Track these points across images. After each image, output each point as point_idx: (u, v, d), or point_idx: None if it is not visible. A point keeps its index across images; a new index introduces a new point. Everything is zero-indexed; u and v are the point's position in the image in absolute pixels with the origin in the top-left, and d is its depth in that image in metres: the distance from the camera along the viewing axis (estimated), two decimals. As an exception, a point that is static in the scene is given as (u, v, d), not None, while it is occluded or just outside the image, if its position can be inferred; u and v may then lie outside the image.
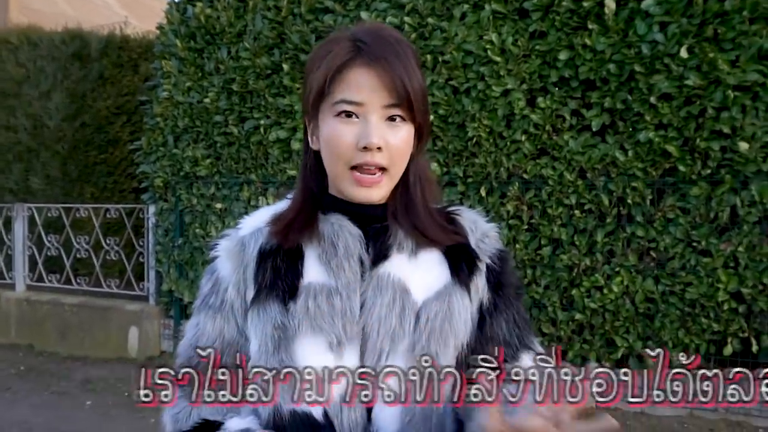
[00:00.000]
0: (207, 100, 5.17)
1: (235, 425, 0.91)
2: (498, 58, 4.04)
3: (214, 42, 5.21)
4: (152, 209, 5.69)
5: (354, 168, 0.88)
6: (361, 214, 0.94)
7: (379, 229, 0.94)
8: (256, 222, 0.99)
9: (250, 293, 0.94)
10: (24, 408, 4.50)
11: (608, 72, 3.79)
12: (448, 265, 0.96)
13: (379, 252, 0.93)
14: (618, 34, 3.77)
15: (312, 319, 0.89)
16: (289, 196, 1.00)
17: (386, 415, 0.88)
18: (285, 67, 4.79)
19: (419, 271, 0.94)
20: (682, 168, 3.66)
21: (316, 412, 0.88)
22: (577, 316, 3.92)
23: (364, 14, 4.51)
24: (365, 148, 0.86)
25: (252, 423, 0.92)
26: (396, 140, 0.88)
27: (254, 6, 4.96)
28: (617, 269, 3.82)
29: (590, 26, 3.82)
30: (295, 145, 4.78)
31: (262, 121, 4.95)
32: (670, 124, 3.68)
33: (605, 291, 3.82)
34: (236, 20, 5.06)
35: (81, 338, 5.82)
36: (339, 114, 0.88)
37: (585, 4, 3.80)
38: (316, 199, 0.97)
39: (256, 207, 4.90)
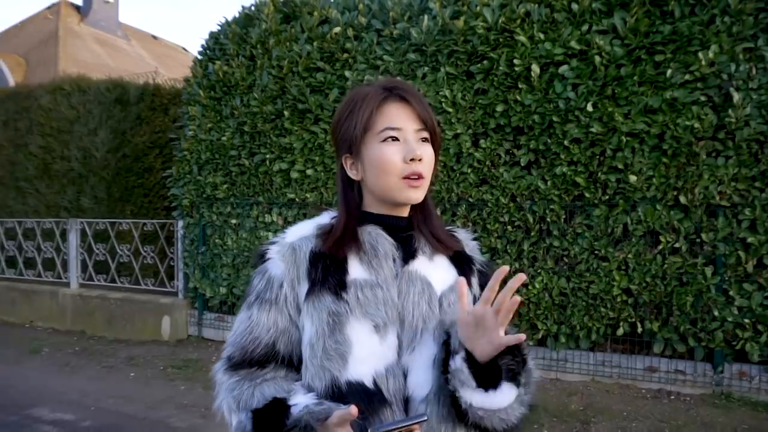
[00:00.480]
0: (224, 138, 5.23)
1: (307, 398, 0.88)
2: (450, 109, 4.21)
3: (230, 92, 5.25)
4: (181, 224, 5.69)
5: (404, 178, 0.91)
6: (391, 225, 0.96)
7: (405, 237, 0.97)
8: (302, 231, 0.99)
9: (304, 288, 0.93)
10: (81, 379, 4.53)
11: (533, 121, 3.96)
12: (454, 267, 0.99)
13: (407, 254, 0.95)
14: (541, 92, 3.94)
15: (362, 307, 0.89)
16: (329, 212, 1.02)
17: (419, 379, 0.89)
18: (286, 113, 4.87)
19: (436, 270, 0.96)
20: (587, 194, 3.85)
21: (367, 380, 0.87)
22: (510, 306, 4.11)
23: (347, 73, 4.63)
24: (412, 160, 0.90)
25: (311, 398, 0.89)
26: (427, 155, 0.93)
27: (261, 65, 5.05)
28: (539, 271, 4.00)
29: (520, 86, 3.99)
30: (294, 175, 4.87)
31: (267, 156, 5.02)
32: (579, 161, 3.86)
33: (530, 287, 3.99)
34: (247, 76, 5.12)
35: (124, 325, 5.81)
36: (385, 140, 0.91)
37: (516, 69, 3.97)
38: (356, 217, 0.97)
39: (264, 222, 5.09)
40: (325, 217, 1.00)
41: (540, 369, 3.99)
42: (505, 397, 0.85)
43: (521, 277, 0.79)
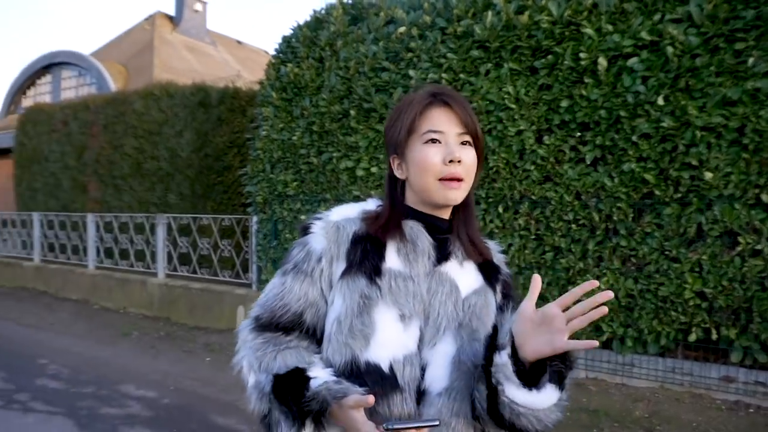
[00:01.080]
0: (294, 138, 5.47)
1: (327, 374, 0.91)
2: (513, 106, 4.18)
3: (300, 94, 5.48)
4: (255, 219, 5.97)
5: (441, 180, 0.94)
6: (430, 224, 1.00)
7: (443, 239, 1.00)
8: (347, 213, 1.02)
9: (341, 267, 0.96)
10: (163, 361, 4.92)
11: (600, 116, 3.84)
12: (481, 274, 1.03)
13: (442, 255, 0.99)
14: (608, 86, 3.82)
15: (392, 295, 0.93)
16: (374, 200, 1.05)
17: (437, 374, 0.92)
18: (352, 113, 5.03)
19: (464, 275, 1.00)
20: (657, 192, 3.69)
21: (384, 365, 0.90)
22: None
23: (411, 72, 4.71)
24: (450, 162, 0.93)
25: (330, 374, 0.92)
26: (468, 158, 0.96)
27: (330, 66, 5.25)
28: (604, 271, 3.88)
29: (586, 80, 3.88)
30: (359, 173, 5.04)
31: (334, 154, 5.20)
32: (649, 157, 3.71)
33: (594, 288, 3.92)
34: (316, 77, 5.34)
35: (203, 313, 6.17)
36: (427, 141, 0.95)
37: (582, 62, 3.88)
38: (399, 209, 1.00)
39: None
40: (371, 204, 1.04)
41: (604, 373, 3.93)
42: (547, 398, 0.87)
43: (608, 294, 0.84)
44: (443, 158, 0.93)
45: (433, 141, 0.95)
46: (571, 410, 3.53)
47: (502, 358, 0.87)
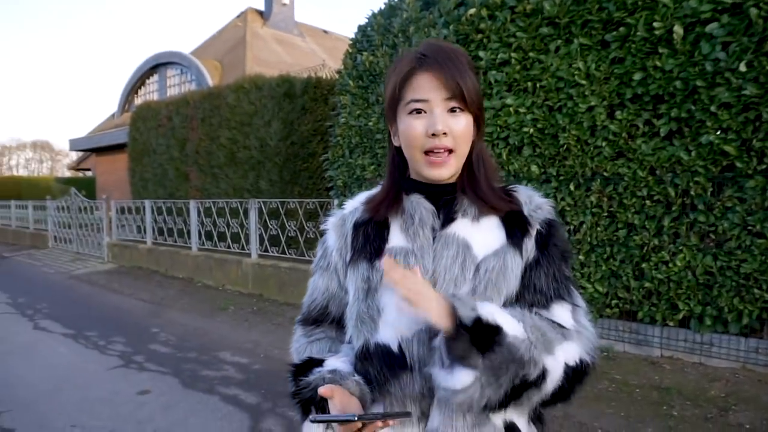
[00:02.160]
0: (371, 124, 5.73)
1: (331, 364, 0.94)
2: (584, 81, 4.13)
3: (375, 81, 5.71)
4: (336, 202, 6.22)
5: (427, 153, 0.90)
6: (434, 192, 0.96)
7: (448, 199, 0.96)
8: (355, 203, 1.04)
9: (349, 256, 0.98)
10: (255, 332, 5.41)
11: (675, 87, 3.72)
12: (504, 229, 0.94)
13: (447, 216, 0.94)
14: (684, 55, 3.70)
15: None
16: (381, 183, 1.05)
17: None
18: (424, 96, 5.24)
19: (480, 233, 0.93)
20: (739, 164, 3.53)
21: (393, 345, 0.90)
22: (647, 284, 3.93)
23: (481, 53, 4.77)
24: (434, 135, 0.88)
25: (343, 364, 0.94)
26: (458, 126, 0.89)
27: (402, 53, 5.46)
28: (681, 248, 3.78)
29: (660, 50, 3.77)
30: (432, 154, 5.24)
31: (408, 137, 5.44)
32: (729, 128, 3.56)
33: (670, 265, 3.81)
34: (390, 63, 5.58)
35: (291, 290, 6.63)
36: (411, 112, 0.90)
37: (656, 32, 3.78)
38: (399, 183, 0.98)
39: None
40: (377, 188, 1.04)
41: (680, 351, 3.87)
42: (460, 378, 0.81)
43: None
44: (426, 130, 0.89)
45: (418, 111, 0.90)
46: (641, 387, 3.54)
47: (436, 341, 0.86)
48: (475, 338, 0.81)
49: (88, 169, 25.97)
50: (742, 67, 3.48)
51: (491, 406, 0.84)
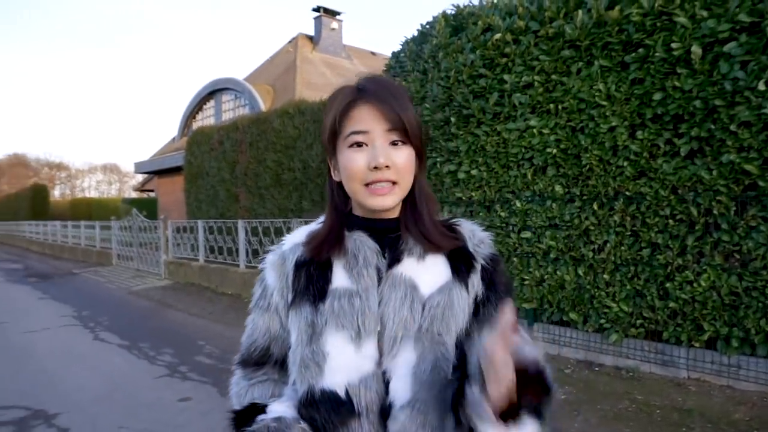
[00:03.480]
0: (402, 146, 6.00)
1: (275, 410, 0.89)
2: (605, 102, 4.21)
3: (407, 105, 6.00)
4: None
5: (367, 185, 0.87)
6: (378, 228, 0.93)
7: (393, 238, 0.93)
8: (295, 239, 0.98)
9: (291, 297, 0.93)
10: None
11: (694, 107, 3.74)
12: (449, 266, 0.93)
13: (393, 257, 0.91)
14: (704, 75, 3.72)
15: (336, 317, 0.87)
16: (321, 219, 0.99)
17: (400, 386, 0.86)
18: (452, 119, 5.34)
19: (426, 272, 0.91)
20: (762, 183, 3.51)
21: (340, 391, 0.86)
22: (671, 304, 3.91)
23: (506, 76, 4.90)
24: (375, 168, 0.85)
25: (288, 409, 0.89)
26: (400, 159, 0.87)
27: (432, 77, 5.63)
28: (704, 267, 3.76)
29: (679, 71, 3.80)
30: (460, 175, 5.35)
31: (438, 159, 5.56)
32: (751, 147, 3.55)
33: (695, 285, 3.79)
34: (420, 88, 5.76)
35: None
36: (351, 145, 0.87)
37: (675, 53, 3.82)
38: (343, 219, 0.95)
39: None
40: (317, 223, 0.99)
41: (707, 374, 3.82)
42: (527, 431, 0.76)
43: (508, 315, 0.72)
44: (367, 163, 0.86)
45: (359, 144, 0.87)
46: (662, 408, 3.54)
47: (474, 395, 0.75)
48: (538, 384, 0.76)
49: (152, 191, 27.51)
50: (761, 86, 3.48)
51: None
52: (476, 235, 0.98)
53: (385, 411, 0.86)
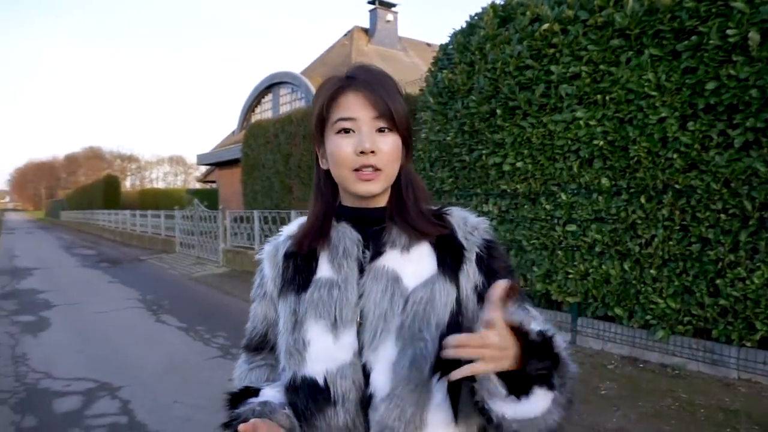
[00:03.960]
0: (449, 138, 5.96)
1: (265, 395, 0.93)
2: (654, 93, 4.10)
3: (453, 97, 5.94)
4: None
5: (356, 171, 0.88)
6: (363, 218, 0.94)
7: (377, 230, 0.93)
8: (290, 230, 1.02)
9: (279, 286, 0.97)
10: None
11: (750, 96, 3.59)
12: (436, 257, 0.92)
13: (376, 249, 0.92)
14: (762, 62, 3.57)
15: (315, 307, 0.90)
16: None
17: (380, 378, 0.86)
18: (498, 111, 5.32)
19: (411, 263, 0.90)
20: (822, 176, 3.36)
21: (320, 378, 0.88)
22: (722, 301, 3.78)
23: (553, 68, 4.85)
24: (362, 153, 0.86)
25: (278, 394, 0.93)
26: (386, 146, 0.88)
27: (479, 69, 5.62)
28: (758, 264, 3.61)
29: (735, 58, 3.66)
30: (506, 167, 5.33)
31: (483, 151, 5.55)
32: (811, 138, 3.40)
33: (747, 282, 3.64)
34: (467, 80, 5.74)
35: None
36: (339, 132, 0.88)
37: (730, 39, 3.67)
38: (330, 209, 0.96)
39: (482, 211, 5.70)
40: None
41: (759, 374, 3.68)
42: (540, 403, 0.77)
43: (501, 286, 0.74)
44: (354, 148, 0.87)
45: (346, 131, 0.88)
46: (707, 407, 3.45)
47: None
48: (544, 352, 0.77)
49: (213, 182, 28.66)
50: (825, 73, 3.30)
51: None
52: (468, 222, 0.96)
53: (365, 401, 0.87)
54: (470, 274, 0.91)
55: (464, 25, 6.18)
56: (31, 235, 27.15)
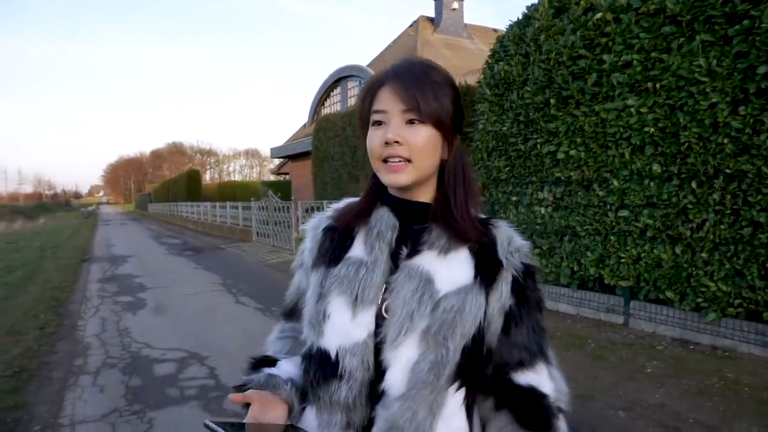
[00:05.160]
0: (504, 128, 6.18)
1: (278, 367, 0.97)
2: (705, 79, 4.16)
3: (509, 88, 6.14)
4: None
5: (385, 161, 0.90)
6: (404, 208, 0.95)
7: (417, 230, 0.93)
8: (337, 207, 1.05)
9: (314, 258, 1.00)
10: None
11: (803, 80, 3.64)
12: (474, 266, 0.91)
13: (413, 248, 0.92)
14: (815, 46, 3.60)
15: (340, 283, 0.91)
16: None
17: (397, 377, 0.86)
18: (552, 101, 5.49)
19: (446, 267, 0.90)
20: None
21: (332, 352, 0.89)
22: (772, 285, 3.85)
23: (605, 57, 4.96)
24: (386, 144, 0.88)
25: (290, 367, 0.97)
26: (416, 138, 0.88)
27: (534, 60, 5.80)
28: (809, 247, 3.66)
29: (788, 42, 3.72)
30: (560, 156, 5.49)
31: (538, 140, 5.74)
32: None
33: (798, 266, 3.71)
34: (522, 71, 5.92)
35: None
36: (374, 124, 0.92)
37: (784, 23, 3.72)
38: (377, 195, 0.99)
39: (537, 198, 5.90)
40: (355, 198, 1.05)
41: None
42: None
43: None
44: (381, 140, 0.90)
45: (378, 123, 0.91)
46: (752, 387, 3.57)
47: None
48: None
49: (287, 173, 29.91)
50: None
51: None
52: (513, 243, 0.94)
53: (375, 394, 0.87)
54: (502, 294, 0.91)
55: (520, 17, 6.34)
56: (124, 226, 29.57)
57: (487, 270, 0.90)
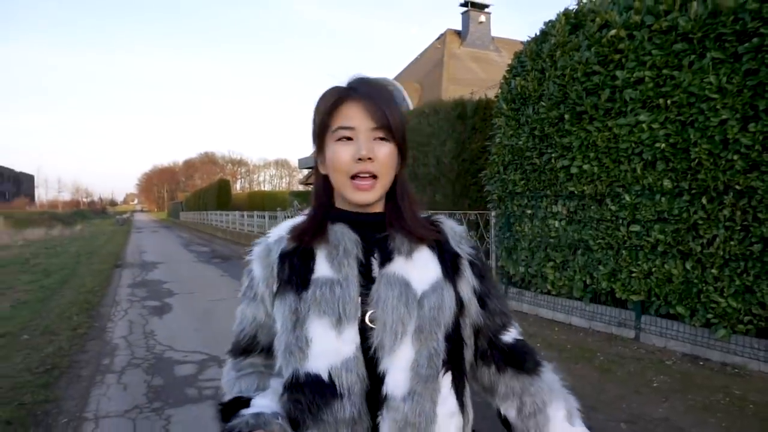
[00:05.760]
0: (520, 143, 6.26)
1: (257, 405, 0.93)
2: (715, 95, 4.19)
3: (525, 103, 6.23)
4: (493, 214, 6.95)
5: (353, 178, 0.92)
6: (360, 222, 0.97)
7: (380, 238, 0.97)
8: (280, 231, 1.03)
9: (276, 287, 0.97)
10: None
11: (811, 97, 3.66)
12: (438, 262, 0.97)
13: (384, 256, 0.95)
14: (824, 64, 3.61)
15: (318, 305, 0.91)
16: (305, 212, 1.03)
17: (399, 379, 0.89)
18: (566, 116, 5.56)
19: (416, 269, 0.95)
20: None
21: (323, 374, 0.89)
22: (781, 301, 3.84)
23: (618, 73, 5.02)
24: (360, 159, 0.90)
25: (270, 402, 0.94)
26: (382, 154, 0.92)
27: (549, 75, 5.89)
28: (817, 264, 3.65)
29: (797, 60, 3.74)
30: (573, 170, 5.55)
31: (552, 155, 5.81)
32: None
33: (807, 283, 3.69)
34: (538, 87, 6.02)
35: None
36: (339, 139, 0.92)
37: (793, 41, 3.74)
38: (326, 211, 0.99)
39: (551, 212, 5.96)
40: (301, 218, 1.03)
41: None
42: None
43: None
44: (353, 155, 0.92)
45: (347, 138, 0.93)
46: (758, 404, 3.57)
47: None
48: None
49: (314, 184, 30.19)
50: None
51: None
52: (457, 232, 1.04)
53: (374, 399, 0.90)
54: (468, 279, 0.99)
55: (537, 33, 6.45)
56: (156, 233, 30.39)
57: (449, 263, 0.98)
